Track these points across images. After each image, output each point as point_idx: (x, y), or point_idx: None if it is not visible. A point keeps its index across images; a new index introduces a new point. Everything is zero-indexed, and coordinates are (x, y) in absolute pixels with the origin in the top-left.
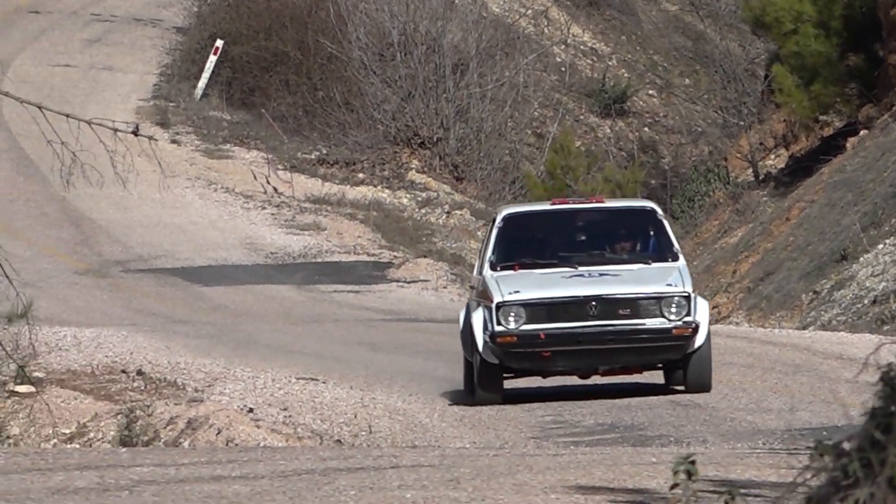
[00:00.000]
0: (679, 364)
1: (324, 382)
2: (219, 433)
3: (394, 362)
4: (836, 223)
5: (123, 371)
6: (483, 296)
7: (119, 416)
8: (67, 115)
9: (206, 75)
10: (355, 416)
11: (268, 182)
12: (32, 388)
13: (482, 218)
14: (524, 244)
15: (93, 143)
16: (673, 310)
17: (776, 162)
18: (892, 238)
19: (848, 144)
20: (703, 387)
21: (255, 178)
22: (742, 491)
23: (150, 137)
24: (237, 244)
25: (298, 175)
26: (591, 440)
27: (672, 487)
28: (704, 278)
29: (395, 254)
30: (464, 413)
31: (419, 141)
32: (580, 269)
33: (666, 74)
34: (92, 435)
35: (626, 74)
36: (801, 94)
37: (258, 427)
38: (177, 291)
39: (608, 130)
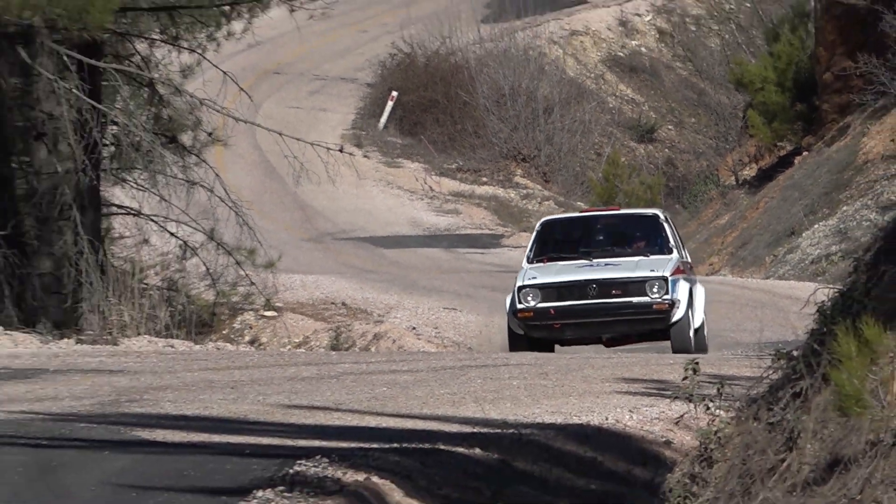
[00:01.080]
0: (667, 333)
1: (460, 311)
2: (393, 342)
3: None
4: (787, 211)
5: (332, 302)
6: (515, 282)
7: (330, 332)
8: (297, 139)
9: (386, 114)
10: (480, 333)
11: (425, 183)
12: (275, 313)
13: (562, 206)
14: (556, 243)
15: (313, 157)
16: (654, 290)
17: (750, 172)
18: (823, 221)
19: (796, 161)
20: (686, 349)
21: (416, 180)
22: (728, 382)
23: (350, 154)
24: (405, 222)
25: (444, 178)
26: (632, 350)
27: (683, 379)
28: (704, 246)
29: (506, 229)
30: None
31: (521, 157)
32: (593, 260)
33: (679, 115)
34: (312, 343)
35: (653, 115)
36: (766, 129)
37: (419, 339)
38: (366, 252)
39: (642, 151)
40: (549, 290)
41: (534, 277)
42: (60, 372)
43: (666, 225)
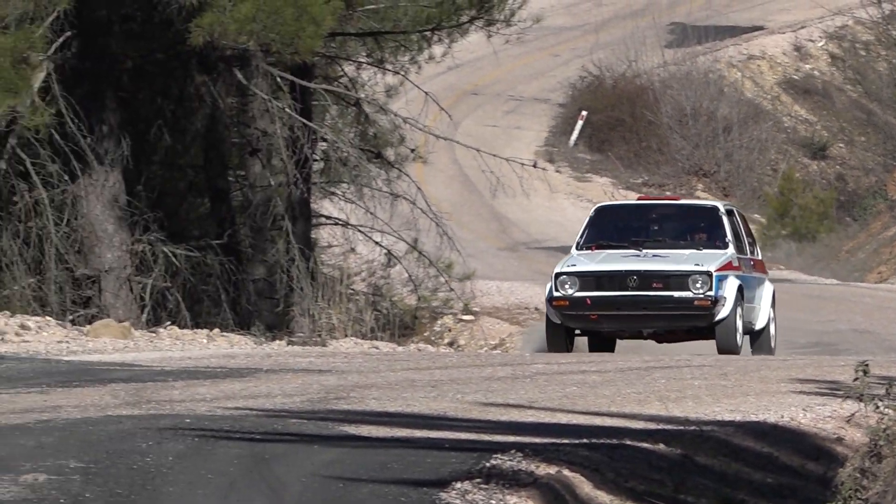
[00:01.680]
0: (712, 331)
1: None
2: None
3: None
4: None
5: (526, 307)
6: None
7: (523, 334)
8: (494, 155)
9: (576, 132)
10: None
11: (612, 196)
12: (472, 317)
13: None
14: (610, 230)
15: (508, 172)
16: (698, 285)
17: None
18: None
19: None
20: (731, 350)
21: (605, 193)
22: None
23: (542, 168)
24: None
25: (630, 192)
26: (804, 352)
27: (854, 380)
28: (873, 256)
29: None
30: None
31: (702, 173)
32: (643, 250)
33: (850, 134)
34: (507, 345)
35: (825, 134)
36: None
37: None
38: (557, 261)
39: (815, 168)
40: (587, 279)
41: (573, 265)
42: (273, 371)
43: (725, 218)
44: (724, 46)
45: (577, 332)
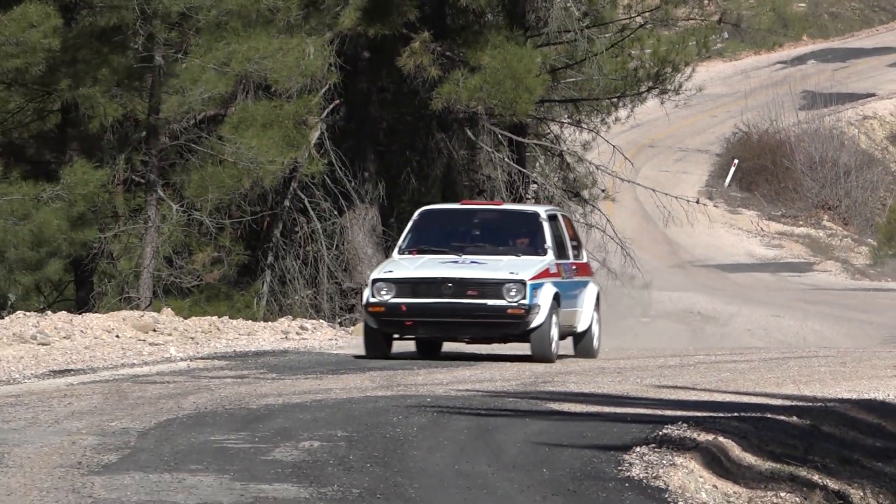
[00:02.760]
0: (526, 338)
1: (782, 317)
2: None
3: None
4: None
5: (691, 312)
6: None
7: (688, 332)
8: (666, 194)
9: (729, 176)
10: (797, 333)
11: (757, 225)
12: (648, 319)
13: (857, 241)
14: (432, 234)
15: (677, 207)
16: (512, 293)
17: None
18: None
19: None
20: (545, 358)
21: (751, 223)
22: None
23: (703, 204)
24: (742, 254)
25: (771, 222)
26: None
27: None
28: None
29: (816, 259)
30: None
31: (827, 206)
32: (462, 256)
33: None
34: (675, 342)
35: None
36: None
37: (752, 337)
38: (715, 275)
39: None
40: (403, 286)
41: (390, 271)
42: (489, 363)
43: (546, 224)
44: (844, 109)
45: (395, 336)
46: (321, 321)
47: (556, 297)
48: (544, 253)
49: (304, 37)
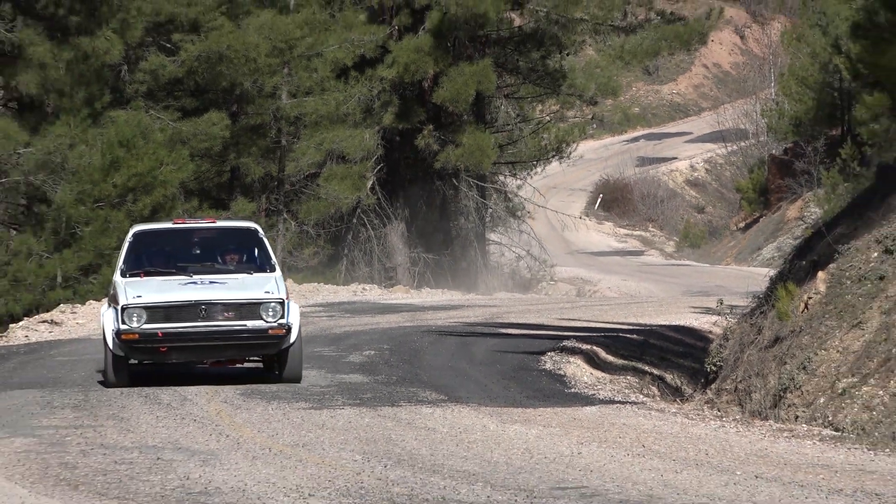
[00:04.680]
0: (276, 357)
1: (629, 281)
2: (602, 293)
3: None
4: None
5: (577, 277)
6: (114, 299)
7: (574, 289)
8: (563, 213)
9: (597, 203)
10: (635, 290)
11: (613, 231)
12: (554, 282)
13: (668, 239)
14: (153, 255)
15: (569, 221)
16: (270, 313)
17: None
18: None
19: None
20: (296, 378)
21: (610, 229)
22: (734, 308)
23: (583, 219)
24: (605, 246)
25: (621, 229)
26: (695, 295)
27: (718, 304)
28: (724, 249)
29: (645, 248)
30: None
31: (651, 220)
32: (194, 277)
33: (715, 202)
34: (569, 293)
35: (703, 203)
36: None
37: (610, 291)
38: (589, 258)
39: (699, 216)
40: (155, 311)
41: (138, 296)
42: (468, 307)
43: (266, 241)
44: (660, 166)
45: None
46: (374, 285)
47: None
48: (273, 269)
49: (364, 128)
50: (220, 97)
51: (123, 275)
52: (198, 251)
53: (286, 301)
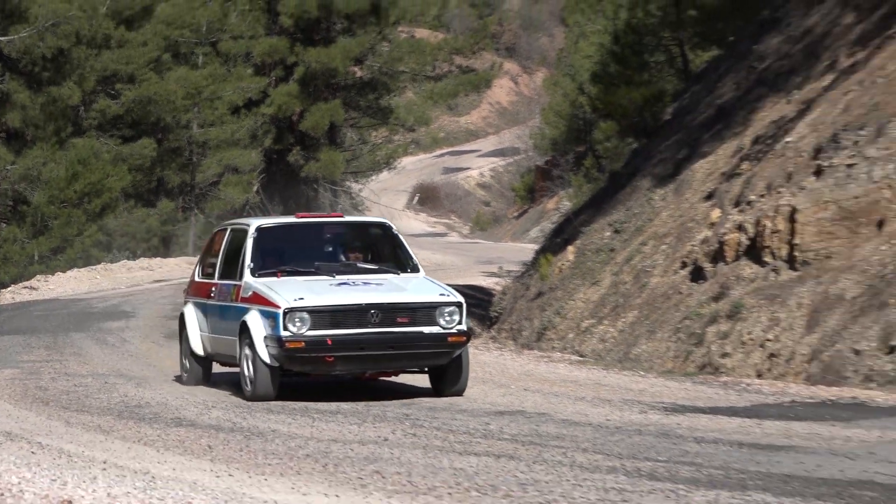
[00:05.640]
0: (445, 367)
1: (444, 257)
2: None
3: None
4: None
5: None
6: (257, 300)
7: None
8: (391, 207)
9: (415, 199)
10: (441, 262)
11: (427, 219)
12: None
13: (464, 224)
14: (278, 253)
15: (397, 213)
16: (447, 318)
17: None
18: None
19: None
20: (462, 392)
21: (425, 218)
22: (510, 272)
23: (406, 211)
24: (421, 231)
25: (432, 218)
26: (484, 265)
27: (499, 269)
28: (504, 231)
29: (448, 231)
30: None
31: (451, 211)
32: (338, 277)
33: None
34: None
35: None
36: None
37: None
38: (412, 240)
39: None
40: (321, 316)
41: (300, 298)
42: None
43: (402, 237)
44: (458, 173)
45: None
46: None
47: None
48: (416, 269)
49: (251, 149)
50: (150, 128)
51: (254, 274)
52: (329, 248)
53: (463, 304)
